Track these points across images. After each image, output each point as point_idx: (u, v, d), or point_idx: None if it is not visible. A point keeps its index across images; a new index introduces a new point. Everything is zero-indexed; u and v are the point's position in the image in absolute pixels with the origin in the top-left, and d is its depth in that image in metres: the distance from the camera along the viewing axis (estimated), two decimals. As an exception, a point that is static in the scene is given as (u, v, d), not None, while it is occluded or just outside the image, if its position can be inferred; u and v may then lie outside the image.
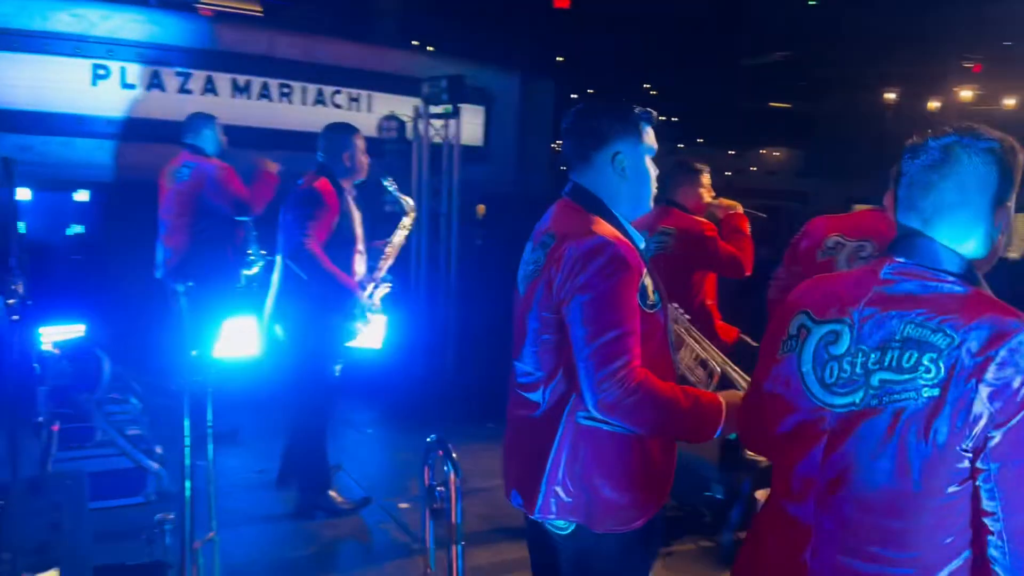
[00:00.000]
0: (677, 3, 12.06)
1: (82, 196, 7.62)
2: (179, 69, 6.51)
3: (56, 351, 4.61)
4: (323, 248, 3.86)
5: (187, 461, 2.08)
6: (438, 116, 6.68)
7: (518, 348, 2.02)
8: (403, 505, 4.34)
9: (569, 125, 2.00)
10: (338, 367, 4.21)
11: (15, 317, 2.17)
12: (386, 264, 4.49)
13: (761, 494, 3.11)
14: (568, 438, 1.88)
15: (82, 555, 1.34)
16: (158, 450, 4.30)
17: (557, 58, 13.76)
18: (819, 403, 1.39)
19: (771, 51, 13.68)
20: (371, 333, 5.27)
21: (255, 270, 5.04)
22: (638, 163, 1.99)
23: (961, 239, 1.36)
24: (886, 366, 1.31)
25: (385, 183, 4.36)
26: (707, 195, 4.11)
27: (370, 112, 7.50)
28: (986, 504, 1.24)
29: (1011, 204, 1.38)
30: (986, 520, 1.25)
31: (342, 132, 4.13)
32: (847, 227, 2.98)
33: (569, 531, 1.95)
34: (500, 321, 7.51)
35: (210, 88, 6.70)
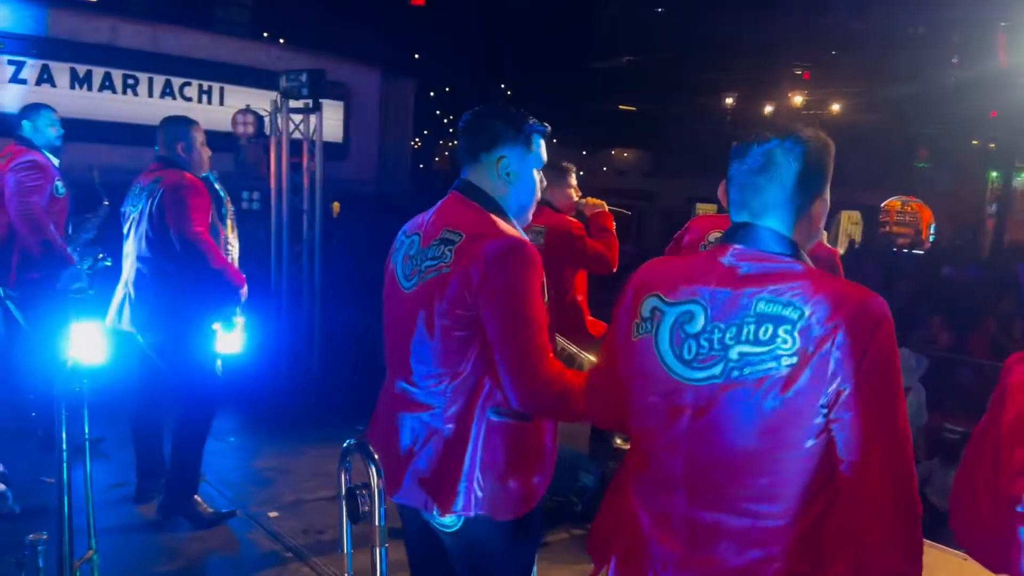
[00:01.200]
0: (532, 6, 12.29)
1: None
2: (11, 57, 6.00)
3: None
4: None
5: (64, 476, 1.91)
6: (298, 111, 6.49)
7: (403, 347, 1.97)
8: (273, 514, 4.19)
9: (465, 124, 2.03)
10: (219, 363, 4.02)
11: None
12: (234, 257, 4.34)
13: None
14: (482, 434, 1.90)
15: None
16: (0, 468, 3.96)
17: (415, 55, 13.66)
18: (679, 378, 1.49)
19: (620, 55, 14.15)
20: (231, 337, 5.05)
21: (80, 283, 4.65)
22: (523, 172, 2.03)
23: (788, 228, 1.52)
24: (743, 340, 1.42)
25: (212, 179, 4.18)
26: (575, 194, 4.21)
27: (223, 105, 7.21)
28: (841, 452, 1.39)
29: (827, 195, 1.56)
30: (841, 466, 1.40)
31: (179, 124, 3.96)
32: (725, 226, 3.14)
33: (457, 527, 1.94)
34: (365, 321, 7.44)
35: (46, 78, 6.22)
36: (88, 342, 4.90)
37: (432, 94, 16.66)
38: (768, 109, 16.31)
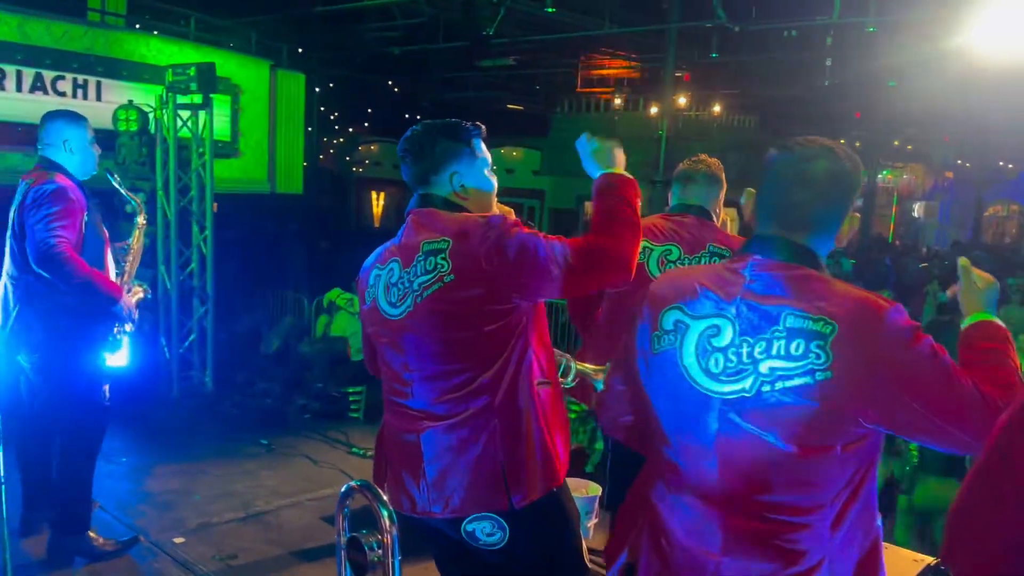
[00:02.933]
0: (420, 3, 12.08)
1: None
2: None
3: None
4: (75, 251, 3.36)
5: None
6: (185, 107, 6.12)
7: (413, 370, 1.96)
8: (178, 540, 3.91)
9: (403, 151, 2.02)
10: (106, 387, 3.69)
11: None
12: (132, 268, 4.02)
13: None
14: (536, 408, 1.92)
15: None
16: None
17: (301, 51, 13.19)
18: (706, 391, 1.49)
19: (508, 54, 14.15)
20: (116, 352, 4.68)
21: None
22: (478, 178, 2.04)
23: (814, 241, 1.54)
24: (774, 355, 1.43)
25: (112, 179, 3.85)
26: None
27: (100, 101, 6.70)
28: (932, 443, 1.45)
29: (854, 210, 1.59)
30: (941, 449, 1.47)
31: (64, 121, 3.61)
32: (650, 233, 3.10)
33: (503, 543, 1.92)
34: (260, 326, 7.11)
35: None
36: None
37: (317, 90, 16.16)
38: (654, 110, 16.71)
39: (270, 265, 9.17)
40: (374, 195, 22.20)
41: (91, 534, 3.66)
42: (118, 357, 4.21)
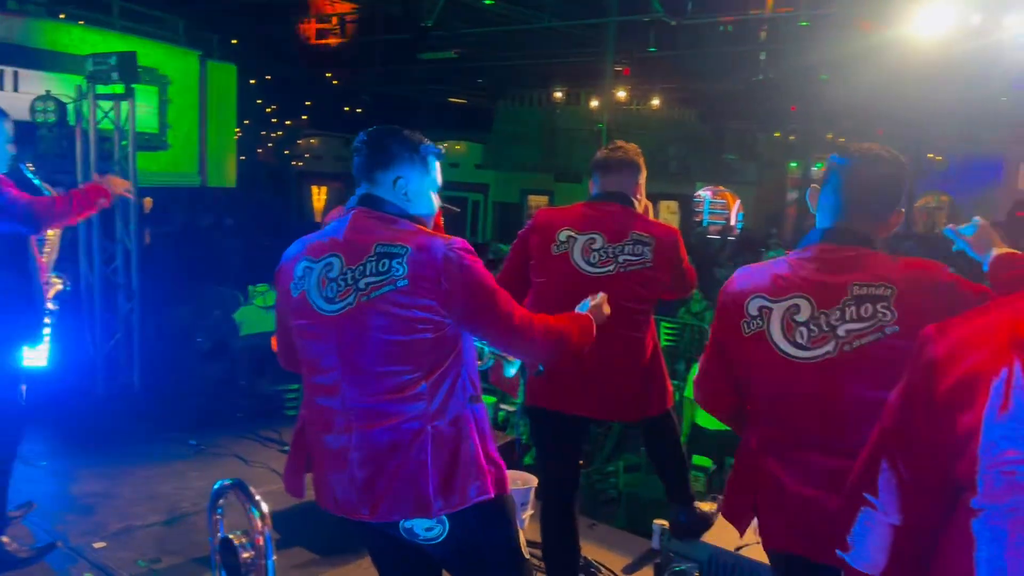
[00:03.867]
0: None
1: None
2: None
3: None
4: None
5: None
6: (106, 97, 5.91)
7: (346, 366, 1.95)
8: (98, 544, 3.77)
9: (360, 143, 2.07)
10: (23, 387, 3.55)
11: None
12: (49, 260, 3.88)
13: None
14: (471, 421, 1.99)
15: None
16: None
17: (234, 41, 12.90)
18: (796, 359, 1.83)
19: (449, 47, 14.06)
20: (36, 350, 4.50)
21: None
22: (420, 192, 2.08)
23: (872, 228, 1.92)
24: (848, 319, 1.79)
25: (25, 170, 3.72)
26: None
27: (16, 91, 6.45)
28: None
29: (902, 203, 1.97)
30: None
31: None
32: (574, 221, 3.08)
33: (443, 537, 1.96)
34: (189, 323, 6.92)
35: None
36: None
37: (253, 82, 15.84)
38: (594, 103, 16.77)
39: (204, 260, 8.93)
40: (315, 189, 21.87)
41: (3, 539, 3.51)
42: (37, 355, 4.05)
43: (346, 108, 19.41)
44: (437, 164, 2.12)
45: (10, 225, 3.34)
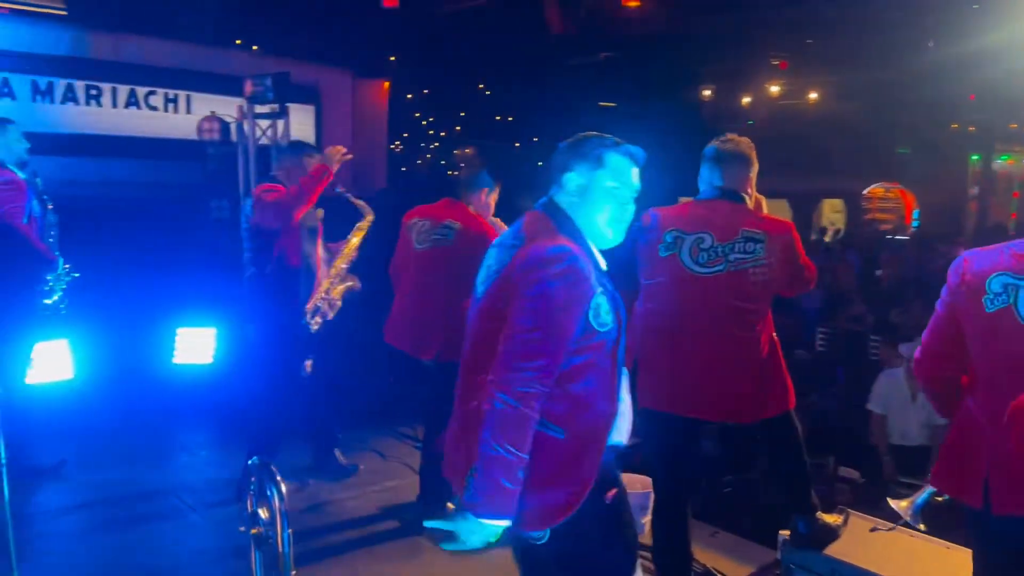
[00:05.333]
0: (506, 5, 12.19)
1: None
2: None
3: None
4: None
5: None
6: (264, 116, 6.40)
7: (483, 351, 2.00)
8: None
9: (555, 153, 2.20)
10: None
11: None
12: (340, 270, 4.72)
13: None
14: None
15: None
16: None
17: (390, 57, 13.55)
18: None
19: (596, 51, 14.09)
20: (201, 347, 4.94)
21: (55, 298, 4.55)
22: (591, 188, 2.10)
23: None
24: None
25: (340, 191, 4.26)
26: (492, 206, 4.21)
27: (190, 113, 7.10)
28: None
29: None
30: None
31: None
32: (682, 221, 3.04)
33: (546, 537, 1.98)
34: (339, 328, 7.30)
35: (5, 91, 6.10)
36: (52, 361, 4.83)
37: (410, 97, 16.55)
38: (746, 100, 16.27)
39: (356, 262, 9.40)
40: (469, 197, 22.47)
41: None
42: (204, 354, 4.47)
43: (497, 117, 19.89)
44: (614, 157, 2.18)
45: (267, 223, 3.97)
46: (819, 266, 3.37)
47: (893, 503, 3.19)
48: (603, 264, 2.08)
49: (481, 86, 19.58)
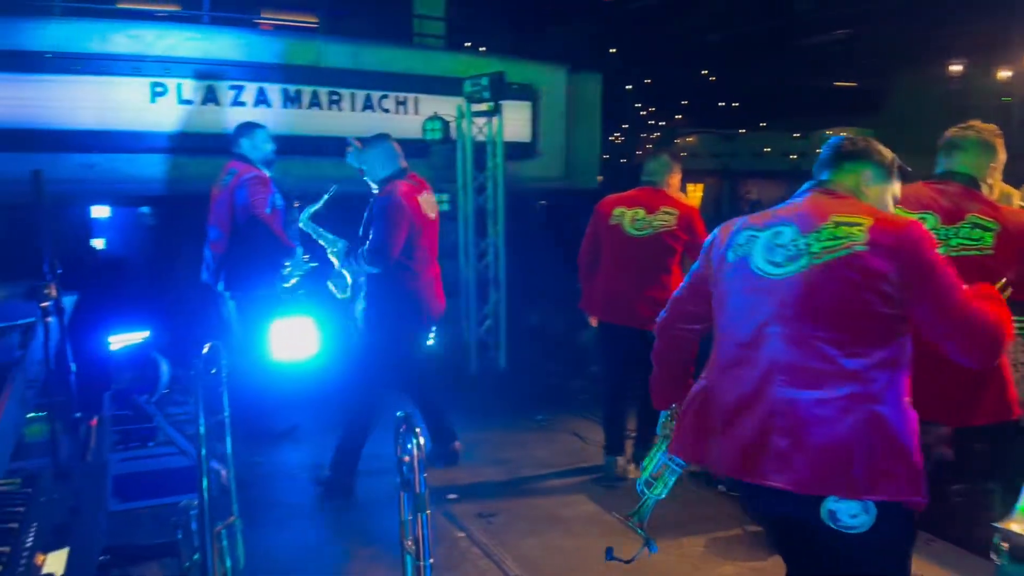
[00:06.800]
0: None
1: (147, 210, 8.07)
2: (232, 83, 6.76)
3: (121, 355, 4.88)
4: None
5: (203, 450, 2.19)
6: (481, 114, 6.77)
7: (782, 329, 2.01)
8: (451, 496, 4.44)
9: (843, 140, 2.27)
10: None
11: (49, 319, 2.32)
12: None
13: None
14: (911, 414, 2.02)
15: (95, 537, 1.46)
16: (219, 448, 4.51)
17: (610, 50, 13.70)
18: None
19: (830, 30, 13.31)
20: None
21: (293, 281, 5.17)
22: (881, 194, 2.21)
23: None
24: None
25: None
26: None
27: (417, 114, 7.63)
28: None
29: None
30: None
31: (380, 142, 4.45)
32: (907, 201, 2.90)
33: (867, 526, 1.92)
34: (550, 316, 7.56)
35: (262, 99, 6.93)
36: (290, 338, 5.48)
37: (630, 88, 16.59)
38: (1005, 74, 14.64)
39: (564, 256, 9.69)
40: (690, 186, 22.16)
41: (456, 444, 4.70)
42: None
43: (720, 103, 19.37)
44: (898, 184, 2.29)
45: None
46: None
47: None
48: None
49: (704, 72, 19.19)
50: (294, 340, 5.40)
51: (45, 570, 1.30)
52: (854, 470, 1.90)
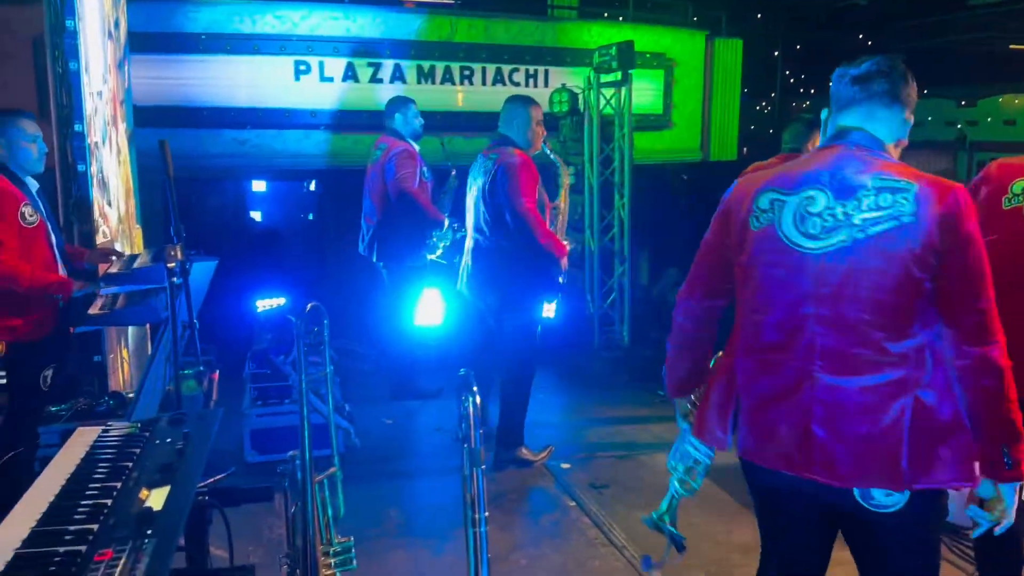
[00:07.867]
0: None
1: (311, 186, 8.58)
2: (370, 59, 7.01)
3: (264, 318, 5.23)
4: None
5: (304, 410, 2.34)
6: (609, 85, 6.70)
7: (823, 305, 1.85)
8: (565, 465, 4.51)
9: (880, 69, 1.96)
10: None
11: (176, 280, 2.53)
12: (562, 225, 4.70)
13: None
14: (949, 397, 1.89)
15: (194, 478, 1.61)
16: (347, 408, 4.77)
17: (756, 15, 13.10)
18: None
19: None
20: (550, 305, 5.45)
21: (439, 253, 5.35)
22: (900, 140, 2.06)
23: None
24: None
25: (545, 149, 4.53)
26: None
27: (547, 87, 7.65)
28: None
29: None
30: None
31: (517, 104, 4.38)
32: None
33: (900, 505, 1.85)
34: (667, 288, 7.44)
35: (398, 75, 7.16)
36: (430, 307, 5.72)
37: (777, 54, 15.86)
38: None
39: (697, 231, 9.49)
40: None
41: (523, 449, 4.45)
42: (550, 311, 4.98)
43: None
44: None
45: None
46: None
47: None
48: None
49: (861, 36, 18.01)
50: (435, 308, 5.64)
51: (147, 504, 1.45)
52: (903, 463, 1.79)
